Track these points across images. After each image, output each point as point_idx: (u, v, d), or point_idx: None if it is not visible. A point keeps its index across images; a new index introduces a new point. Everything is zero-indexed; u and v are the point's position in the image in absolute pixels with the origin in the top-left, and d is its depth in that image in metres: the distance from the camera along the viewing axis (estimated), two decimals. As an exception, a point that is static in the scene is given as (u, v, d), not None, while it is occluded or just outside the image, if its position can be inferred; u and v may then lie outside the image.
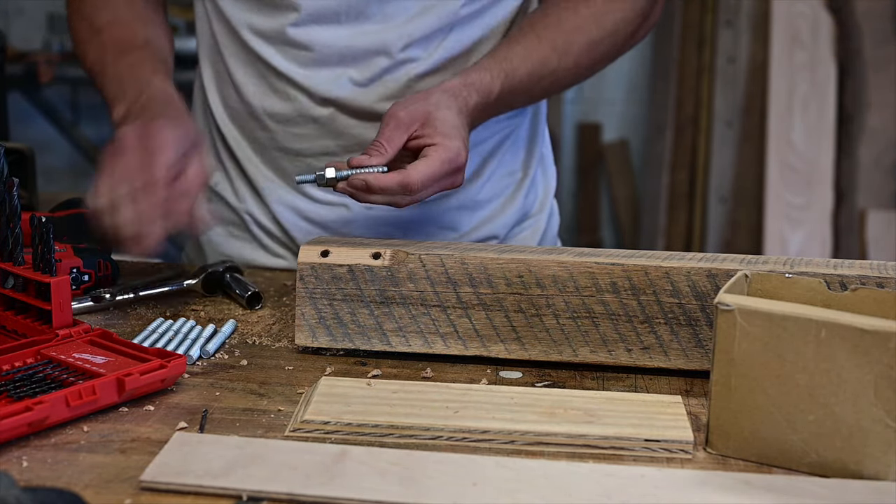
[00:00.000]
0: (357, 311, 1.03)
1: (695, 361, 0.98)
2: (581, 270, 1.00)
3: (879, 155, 3.22)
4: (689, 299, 0.98)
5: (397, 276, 1.02)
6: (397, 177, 1.04)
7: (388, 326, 1.02)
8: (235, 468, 0.77)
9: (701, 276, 0.98)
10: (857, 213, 3.24)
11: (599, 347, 1.00)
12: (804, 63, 3.24)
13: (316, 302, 1.03)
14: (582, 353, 1.00)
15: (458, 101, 1.12)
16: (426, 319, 1.02)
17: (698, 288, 0.98)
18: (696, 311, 0.98)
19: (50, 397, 0.83)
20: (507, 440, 0.85)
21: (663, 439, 0.84)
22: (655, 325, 0.99)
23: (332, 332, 1.03)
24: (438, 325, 1.02)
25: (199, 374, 0.98)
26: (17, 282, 1.02)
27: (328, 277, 1.02)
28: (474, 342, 1.02)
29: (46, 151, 3.60)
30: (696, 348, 0.98)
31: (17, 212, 1.00)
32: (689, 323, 0.98)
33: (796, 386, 0.80)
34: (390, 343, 1.03)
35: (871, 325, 0.77)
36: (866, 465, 0.79)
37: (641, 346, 0.99)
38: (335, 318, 1.03)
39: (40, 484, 0.75)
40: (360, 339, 1.03)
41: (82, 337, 0.97)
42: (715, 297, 0.96)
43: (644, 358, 0.99)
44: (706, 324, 0.98)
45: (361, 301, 1.02)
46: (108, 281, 1.18)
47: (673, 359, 0.99)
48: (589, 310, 1.00)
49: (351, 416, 0.86)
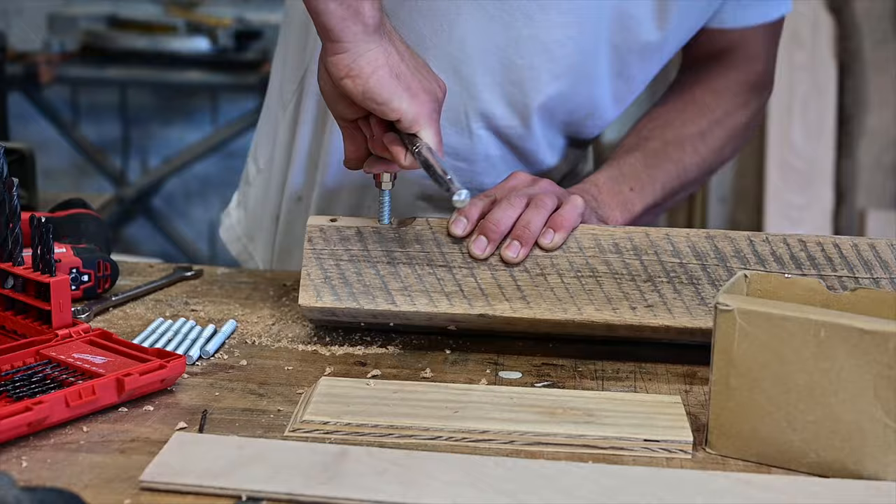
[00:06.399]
0: (363, 272, 1.04)
1: (699, 319, 1.00)
2: (584, 231, 1.04)
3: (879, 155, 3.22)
4: (690, 259, 1.01)
5: (404, 237, 1.04)
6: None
7: (394, 286, 1.03)
8: (235, 468, 0.77)
9: (700, 237, 1.02)
10: (857, 213, 3.24)
11: (604, 306, 1.01)
12: (804, 63, 3.24)
13: (322, 262, 1.04)
14: (587, 312, 1.01)
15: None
16: (432, 279, 1.03)
17: (698, 248, 1.02)
18: (696, 270, 1.01)
19: (49, 397, 0.83)
20: (507, 440, 0.85)
21: (663, 439, 0.84)
22: (658, 283, 1.01)
23: (338, 291, 1.03)
24: (444, 285, 1.03)
25: (198, 374, 0.98)
26: (17, 282, 1.01)
27: (336, 238, 1.05)
28: (479, 301, 1.02)
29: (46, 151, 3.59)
30: (700, 306, 1.00)
31: (16, 212, 1.00)
32: (690, 281, 1.01)
33: (796, 386, 0.80)
34: (395, 302, 1.03)
35: (870, 325, 0.77)
36: (866, 465, 0.79)
37: (645, 304, 1.01)
38: (341, 278, 1.04)
39: (40, 484, 0.75)
40: (364, 299, 1.03)
41: (82, 337, 0.97)
42: (714, 256, 1.01)
43: (648, 316, 1.00)
44: (707, 282, 1.01)
45: (367, 261, 1.04)
46: (108, 281, 1.18)
47: (677, 316, 1.00)
48: (592, 269, 1.02)
49: (350, 417, 0.86)
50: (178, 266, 1.30)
